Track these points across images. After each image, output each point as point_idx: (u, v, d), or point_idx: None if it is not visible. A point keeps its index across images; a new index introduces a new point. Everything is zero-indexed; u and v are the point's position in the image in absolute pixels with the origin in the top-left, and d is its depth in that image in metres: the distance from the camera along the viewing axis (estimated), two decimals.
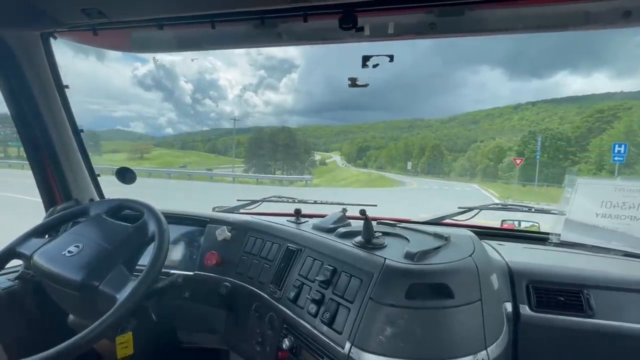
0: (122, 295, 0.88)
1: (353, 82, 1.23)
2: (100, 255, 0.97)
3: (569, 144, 41.37)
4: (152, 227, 1.03)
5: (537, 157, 35.04)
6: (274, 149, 43.50)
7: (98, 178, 1.59)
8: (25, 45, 1.24)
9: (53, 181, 1.44)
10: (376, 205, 1.35)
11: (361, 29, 1.07)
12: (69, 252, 0.98)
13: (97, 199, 1.56)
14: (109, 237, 1.02)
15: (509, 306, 0.89)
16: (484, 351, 0.74)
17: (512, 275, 0.94)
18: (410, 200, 17.66)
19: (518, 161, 33.52)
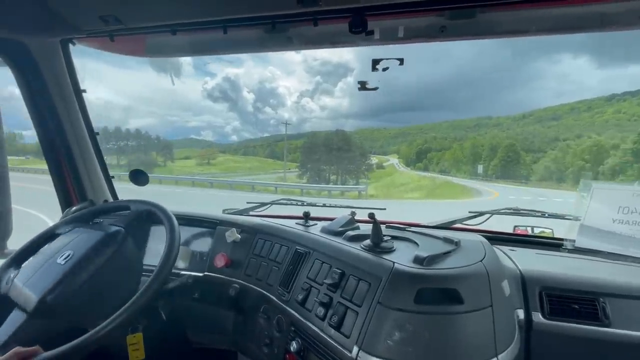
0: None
1: (362, 86, 1.23)
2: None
3: None
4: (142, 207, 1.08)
5: None
6: (329, 153, 40.34)
7: (112, 180, 1.63)
8: (46, 51, 1.29)
9: (69, 183, 1.49)
10: (385, 209, 1.34)
11: (371, 32, 1.07)
12: (60, 259, 0.96)
13: (111, 199, 1.60)
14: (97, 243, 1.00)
15: (521, 313, 0.87)
16: (495, 358, 0.72)
17: (524, 282, 0.92)
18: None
19: None
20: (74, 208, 1.40)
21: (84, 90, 1.44)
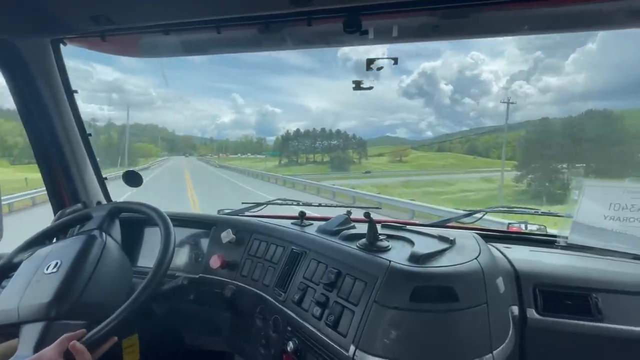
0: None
1: (357, 85, 1.23)
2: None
3: None
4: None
5: None
6: (573, 146, 27.25)
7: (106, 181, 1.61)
8: (36, 52, 1.27)
9: (62, 184, 1.47)
10: (380, 208, 1.34)
11: (365, 32, 1.08)
12: (49, 269, 0.93)
13: (104, 201, 1.58)
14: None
15: (515, 310, 0.88)
16: (490, 355, 0.73)
17: (518, 279, 0.92)
18: None
19: None
20: (68, 210, 1.39)
21: (76, 91, 1.42)
